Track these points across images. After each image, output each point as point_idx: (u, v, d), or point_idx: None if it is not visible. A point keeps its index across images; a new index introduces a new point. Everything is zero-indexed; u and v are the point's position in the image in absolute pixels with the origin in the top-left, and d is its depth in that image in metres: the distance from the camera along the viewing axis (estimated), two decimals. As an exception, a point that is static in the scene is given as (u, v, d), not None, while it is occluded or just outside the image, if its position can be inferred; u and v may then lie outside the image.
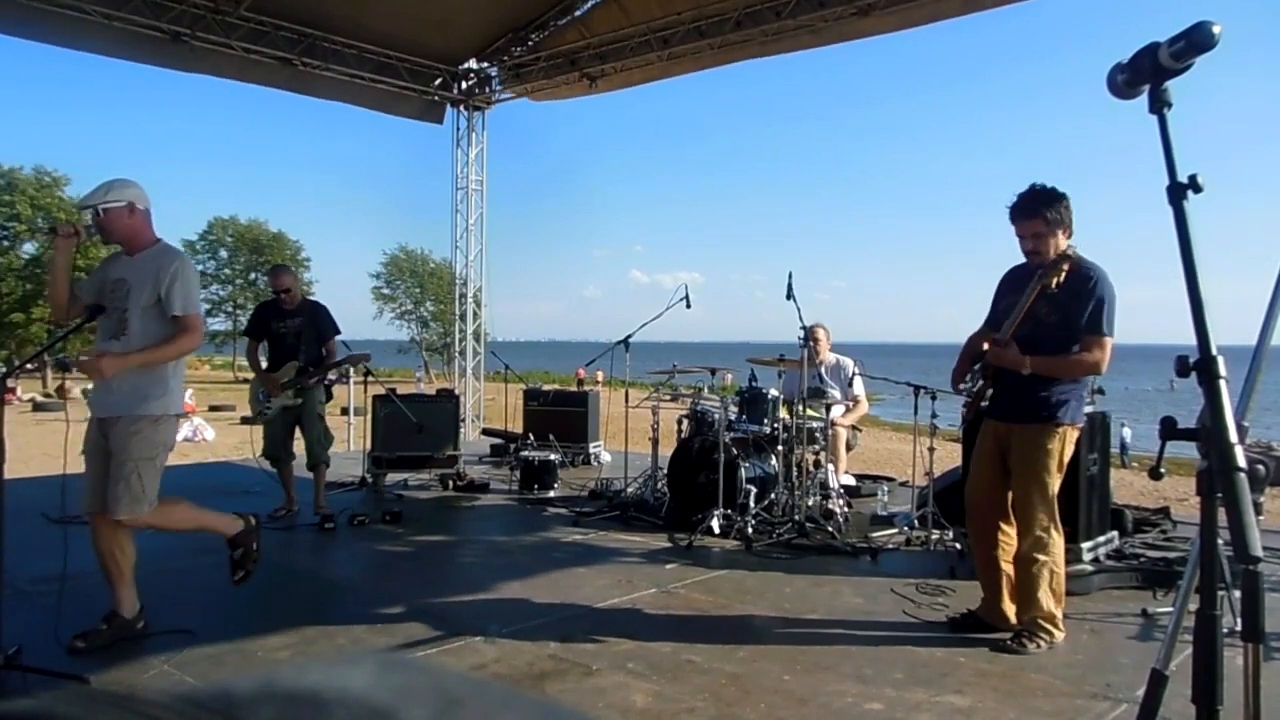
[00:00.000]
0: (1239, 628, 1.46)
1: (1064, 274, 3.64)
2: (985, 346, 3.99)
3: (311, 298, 6.82)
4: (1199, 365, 1.39)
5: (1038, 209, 3.73)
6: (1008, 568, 3.99)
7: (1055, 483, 3.80)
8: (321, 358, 6.18)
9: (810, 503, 6.05)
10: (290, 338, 6.14)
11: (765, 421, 6.34)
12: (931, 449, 5.75)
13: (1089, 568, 4.78)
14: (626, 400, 7.21)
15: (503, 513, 6.85)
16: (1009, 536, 3.98)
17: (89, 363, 3.61)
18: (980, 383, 3.99)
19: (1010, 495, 3.95)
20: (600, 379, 17.11)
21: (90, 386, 4.04)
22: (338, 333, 6.29)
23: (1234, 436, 1.35)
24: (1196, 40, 1.42)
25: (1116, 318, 3.71)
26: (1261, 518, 5.15)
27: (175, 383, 3.76)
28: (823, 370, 7.16)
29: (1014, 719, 3.11)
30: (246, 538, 4.04)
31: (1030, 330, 3.77)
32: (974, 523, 4.13)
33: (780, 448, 6.14)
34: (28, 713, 0.32)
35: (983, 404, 3.98)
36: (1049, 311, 3.69)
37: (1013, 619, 3.95)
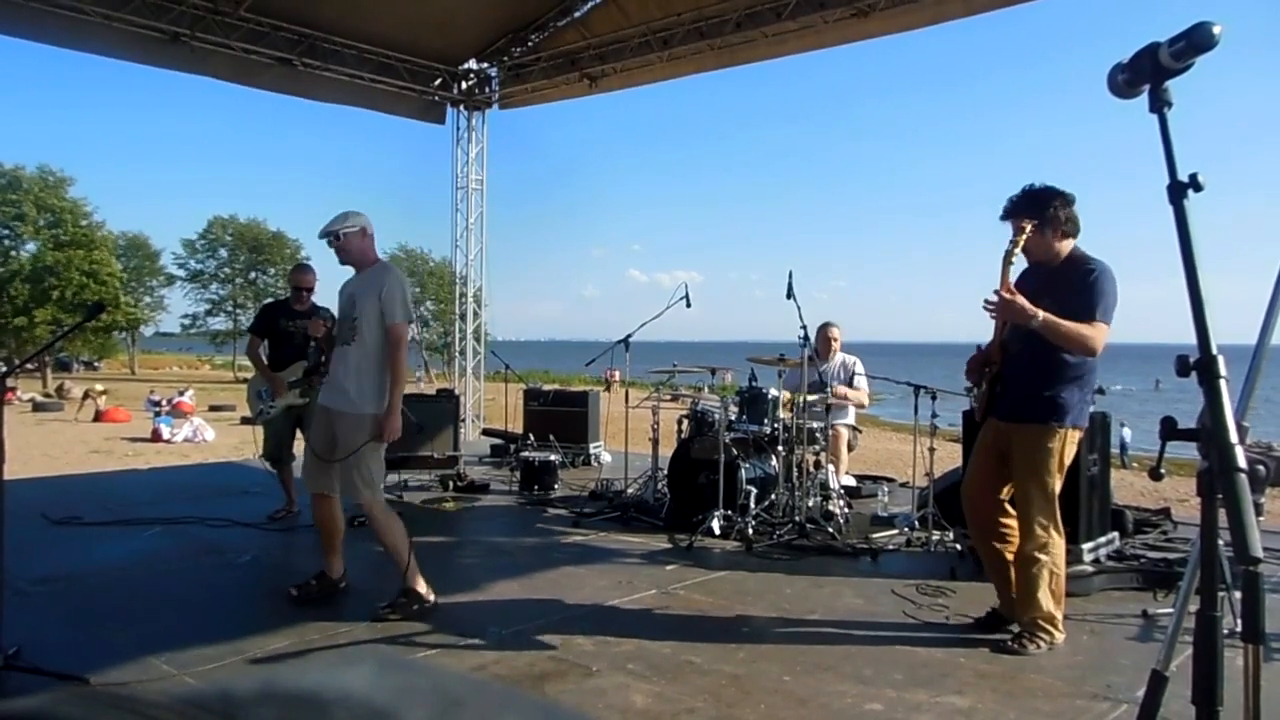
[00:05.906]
0: (1239, 628, 1.46)
1: (1023, 241, 3.68)
2: (991, 349, 3.99)
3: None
4: (1199, 365, 1.39)
5: (1022, 210, 3.77)
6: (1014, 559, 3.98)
7: (1056, 483, 3.79)
8: (322, 361, 6.20)
9: (810, 504, 6.05)
10: (299, 338, 6.14)
11: (765, 421, 6.34)
12: (932, 449, 5.75)
13: (1089, 568, 4.78)
14: (627, 400, 7.21)
15: (503, 513, 6.85)
16: (1010, 529, 3.98)
17: (390, 431, 4.16)
18: (985, 385, 3.99)
19: (1008, 491, 3.96)
20: (617, 377, 16.95)
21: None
22: None
23: (1234, 437, 1.34)
24: (1196, 40, 1.42)
25: (1115, 311, 3.71)
26: (1262, 518, 5.16)
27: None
28: (827, 369, 7.16)
29: (1014, 719, 3.11)
30: (417, 599, 4.22)
31: None
32: (971, 516, 4.13)
33: (780, 448, 6.14)
34: (28, 713, 0.32)
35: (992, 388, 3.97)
36: (1050, 304, 3.69)
37: None
